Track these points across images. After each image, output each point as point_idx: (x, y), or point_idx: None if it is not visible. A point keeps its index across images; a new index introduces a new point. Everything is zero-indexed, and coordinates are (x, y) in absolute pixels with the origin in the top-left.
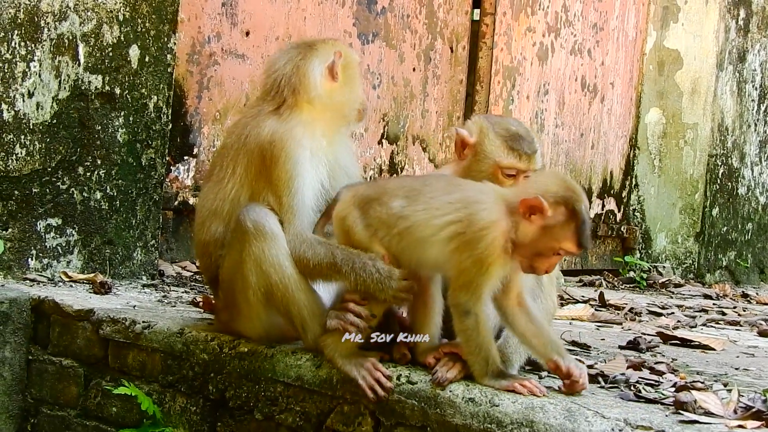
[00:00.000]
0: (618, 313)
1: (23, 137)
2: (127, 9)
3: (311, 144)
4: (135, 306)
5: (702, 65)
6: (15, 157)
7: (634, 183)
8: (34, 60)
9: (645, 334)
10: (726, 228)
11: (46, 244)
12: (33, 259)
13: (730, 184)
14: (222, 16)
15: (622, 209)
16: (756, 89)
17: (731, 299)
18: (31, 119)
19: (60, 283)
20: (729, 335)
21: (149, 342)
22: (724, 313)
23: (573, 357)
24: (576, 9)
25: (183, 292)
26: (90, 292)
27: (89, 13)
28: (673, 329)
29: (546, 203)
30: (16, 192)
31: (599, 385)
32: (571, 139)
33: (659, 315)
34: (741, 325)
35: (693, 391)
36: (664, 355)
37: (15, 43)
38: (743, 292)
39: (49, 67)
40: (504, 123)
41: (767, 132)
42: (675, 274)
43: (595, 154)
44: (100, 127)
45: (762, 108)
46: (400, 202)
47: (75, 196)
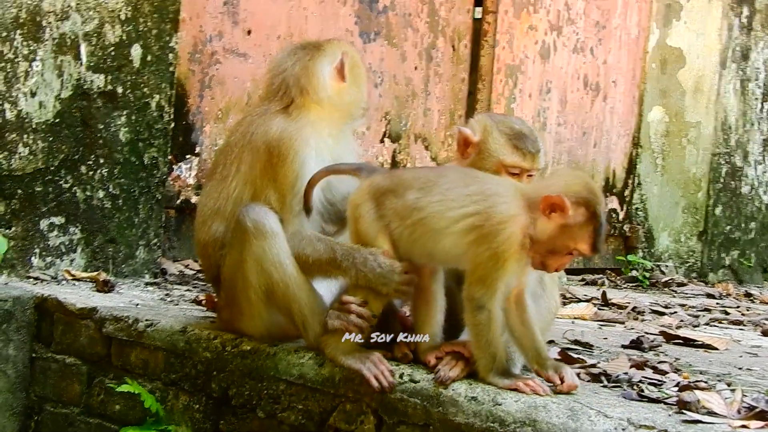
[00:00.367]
0: (621, 312)
1: (26, 136)
2: (129, 8)
3: (317, 144)
4: (138, 304)
5: (705, 63)
6: (18, 156)
7: (636, 182)
8: (36, 59)
9: (648, 333)
10: (729, 227)
11: (49, 242)
12: (36, 258)
13: (733, 182)
14: (223, 15)
15: (624, 208)
16: (759, 87)
17: (734, 298)
18: (34, 118)
19: (63, 282)
20: (732, 335)
21: (152, 340)
22: (727, 313)
23: (555, 362)
24: (578, 7)
25: (185, 290)
26: (93, 290)
27: (91, 13)
28: (676, 328)
29: (568, 202)
30: (19, 191)
31: (602, 385)
32: (574, 138)
33: (662, 314)
34: (744, 325)
35: (696, 391)
36: (667, 355)
37: (17, 43)
38: (746, 291)
39: (52, 67)
40: (507, 122)
41: None
42: (678, 273)
43: (598, 152)
44: (102, 126)
45: (766, 106)
46: (414, 193)
47: (78, 194)
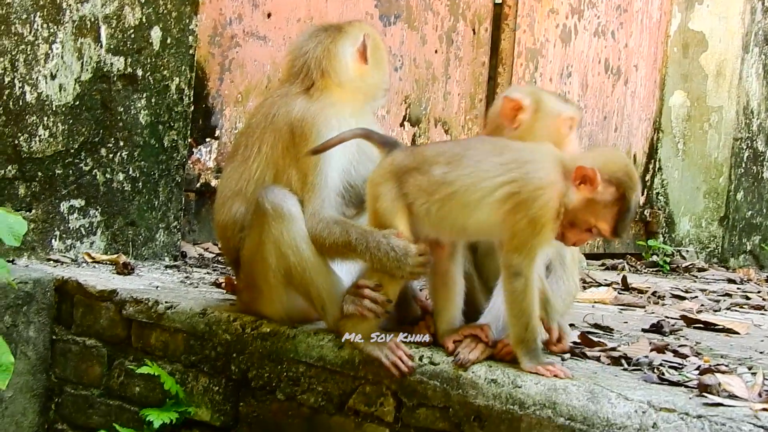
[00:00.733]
0: (641, 297)
1: (46, 119)
2: None
3: (340, 124)
4: (158, 287)
5: (727, 47)
6: (38, 139)
7: (657, 166)
8: (56, 42)
9: (668, 317)
10: (750, 212)
11: (69, 225)
12: (56, 240)
13: (755, 167)
14: None
15: (645, 193)
16: None
17: (755, 284)
18: (54, 101)
19: (83, 264)
20: (753, 319)
21: (172, 322)
22: (748, 298)
23: (562, 324)
24: None
25: (205, 273)
26: (113, 273)
27: None
28: (697, 313)
29: (599, 177)
30: (39, 173)
31: (622, 368)
32: (594, 122)
33: (683, 299)
34: (765, 310)
35: (717, 374)
36: (687, 339)
37: (37, 25)
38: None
39: (72, 49)
40: (559, 97)
41: None
42: (698, 258)
43: (619, 137)
44: (122, 109)
45: None
46: (441, 168)
47: (98, 177)
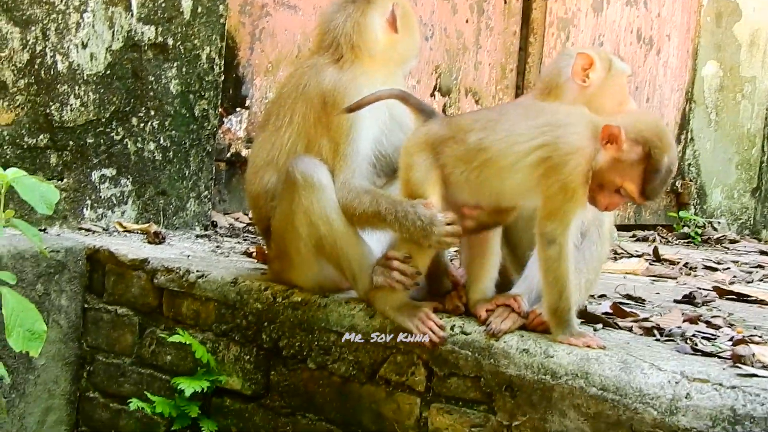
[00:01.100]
0: (672, 268)
1: (77, 88)
2: None
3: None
4: (189, 256)
5: (761, 17)
6: (69, 108)
7: (689, 137)
8: (87, 11)
9: (700, 288)
10: None
11: (100, 194)
12: (88, 209)
13: None
14: None
15: (677, 164)
16: None
17: None
18: (85, 70)
19: (114, 233)
20: None
21: (203, 291)
22: None
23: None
24: None
25: (236, 242)
26: (144, 242)
27: None
28: (729, 284)
29: (624, 135)
30: (71, 143)
31: (655, 338)
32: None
33: (714, 270)
34: None
35: (751, 345)
36: (720, 310)
37: None
38: None
39: (103, 18)
40: (620, 60)
41: None
42: (730, 229)
43: (651, 107)
44: (153, 78)
45: None
46: (477, 134)
47: (129, 146)
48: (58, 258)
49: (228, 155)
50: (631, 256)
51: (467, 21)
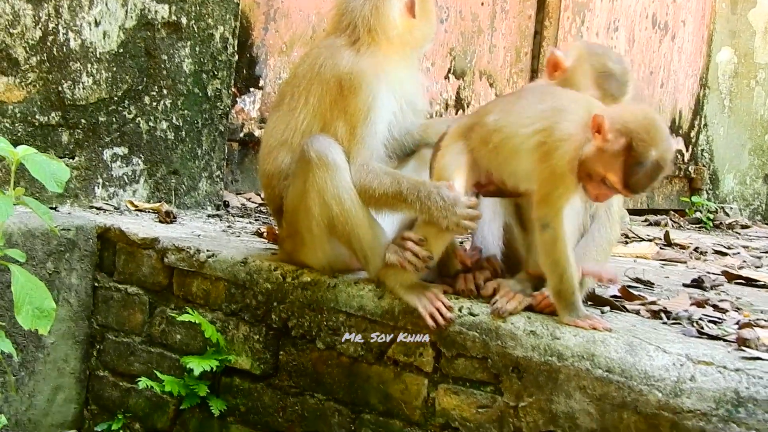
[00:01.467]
0: (683, 252)
1: (90, 66)
2: None
3: (387, 76)
4: (200, 235)
5: None
6: (82, 86)
7: (703, 123)
8: None
9: (710, 272)
10: None
11: (112, 173)
12: (99, 188)
13: None
14: None
15: (690, 149)
16: None
17: None
18: (98, 48)
19: (125, 212)
20: None
21: (213, 271)
22: None
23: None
24: None
25: (247, 222)
26: (155, 221)
27: None
28: (738, 269)
29: (608, 126)
30: (82, 121)
31: (662, 321)
32: (640, 78)
33: (724, 255)
34: None
35: (756, 329)
36: (728, 294)
37: None
38: None
39: None
40: (603, 57)
41: None
42: (742, 215)
43: (664, 93)
44: (166, 57)
45: None
46: (495, 116)
47: (141, 125)
48: (68, 236)
49: (241, 135)
50: (642, 240)
51: (482, 4)
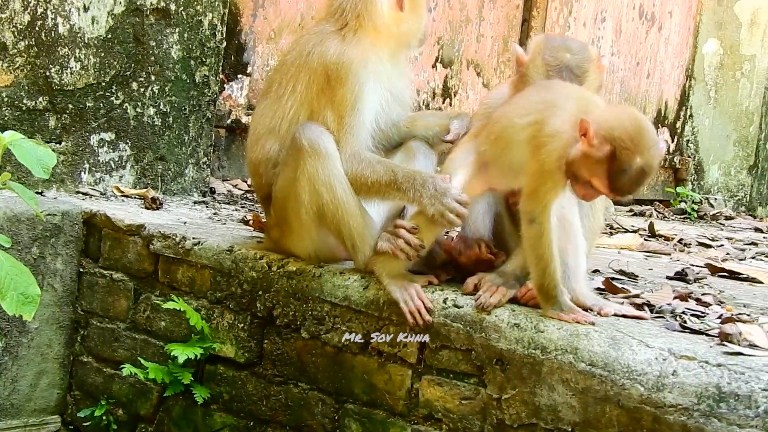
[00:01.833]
0: (667, 244)
1: (78, 51)
2: None
3: (375, 67)
4: (186, 222)
5: None
6: (69, 71)
7: (688, 114)
8: None
9: (693, 265)
10: None
11: (99, 158)
12: (86, 173)
13: None
14: None
15: (675, 140)
16: None
17: None
18: (86, 33)
19: (112, 198)
20: None
21: (199, 258)
22: None
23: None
24: None
25: (233, 209)
26: (141, 207)
27: None
28: (722, 261)
29: (593, 132)
30: (70, 106)
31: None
32: (627, 68)
33: (708, 247)
34: None
35: (738, 323)
36: (711, 287)
37: None
38: None
39: None
40: (558, 50)
41: None
42: (726, 206)
43: (651, 83)
44: (154, 43)
45: None
46: (498, 110)
47: (128, 111)
48: (54, 221)
49: (228, 122)
50: (627, 231)
51: None
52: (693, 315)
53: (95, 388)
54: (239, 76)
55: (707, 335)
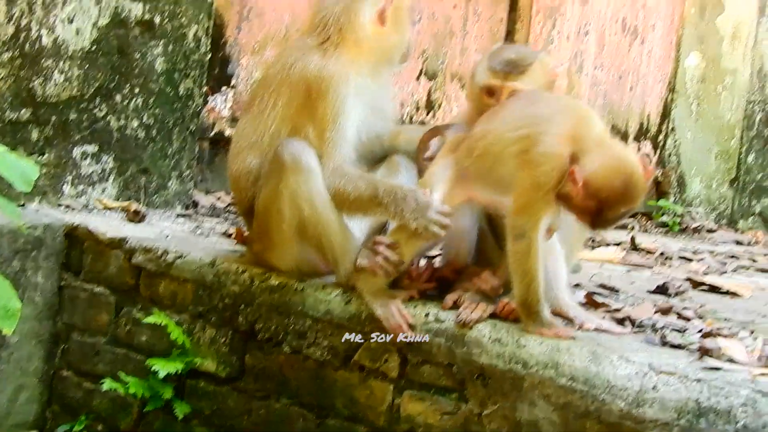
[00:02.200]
0: (649, 257)
1: (62, 63)
2: None
3: (356, 82)
4: (168, 235)
5: (743, 10)
6: (53, 83)
7: (670, 127)
8: None
9: (674, 278)
10: (761, 174)
11: (81, 170)
12: (68, 186)
13: (767, 130)
14: None
15: (657, 153)
16: None
17: (763, 246)
18: (70, 45)
19: (94, 210)
20: (759, 282)
21: (181, 272)
22: (754, 260)
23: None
24: None
25: (216, 222)
26: (124, 220)
27: None
28: (703, 275)
29: (581, 184)
30: (53, 118)
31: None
32: (610, 81)
33: (690, 260)
34: None
35: (718, 338)
36: (692, 301)
37: None
38: None
39: None
40: (501, 47)
41: None
42: (708, 219)
43: (633, 96)
44: (138, 56)
45: None
46: (481, 125)
47: (112, 123)
48: (36, 234)
49: (212, 134)
50: (609, 244)
51: (455, 6)
52: (674, 329)
53: (75, 402)
54: (223, 88)
55: (688, 350)
